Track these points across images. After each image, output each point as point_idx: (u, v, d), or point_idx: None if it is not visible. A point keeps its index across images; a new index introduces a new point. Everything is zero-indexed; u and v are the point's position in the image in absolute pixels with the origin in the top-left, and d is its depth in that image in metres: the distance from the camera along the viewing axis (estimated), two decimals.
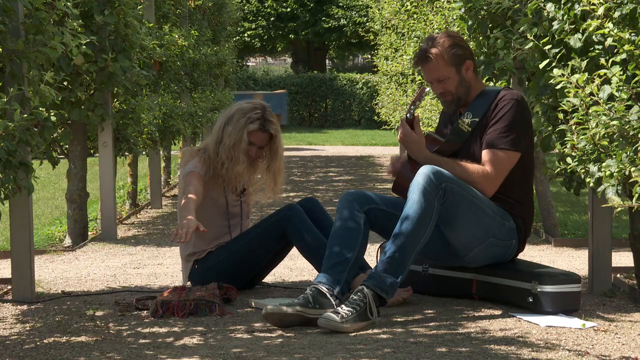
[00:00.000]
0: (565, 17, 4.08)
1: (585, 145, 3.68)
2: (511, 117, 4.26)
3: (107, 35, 6.36)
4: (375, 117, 20.70)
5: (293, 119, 27.43)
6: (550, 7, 4.22)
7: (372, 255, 4.91)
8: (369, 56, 20.40)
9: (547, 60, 4.09)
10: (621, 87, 3.52)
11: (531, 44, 4.30)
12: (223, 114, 4.78)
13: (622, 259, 5.58)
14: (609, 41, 3.65)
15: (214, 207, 4.75)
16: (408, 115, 4.28)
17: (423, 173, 4.12)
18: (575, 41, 4.01)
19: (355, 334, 3.85)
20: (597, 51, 3.91)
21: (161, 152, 9.94)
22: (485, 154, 4.27)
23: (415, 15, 9.71)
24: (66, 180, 6.83)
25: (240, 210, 4.82)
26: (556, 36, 4.17)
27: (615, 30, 3.60)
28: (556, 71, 3.80)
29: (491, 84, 5.46)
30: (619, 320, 4.05)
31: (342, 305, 3.95)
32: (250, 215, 4.97)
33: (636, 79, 3.48)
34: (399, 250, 4.05)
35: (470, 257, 4.31)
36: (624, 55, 3.57)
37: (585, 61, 3.85)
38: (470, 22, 5.36)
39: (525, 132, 4.30)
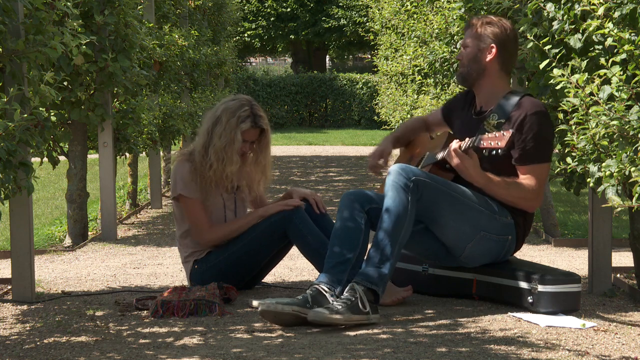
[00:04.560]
0: (565, 17, 4.08)
1: (585, 145, 3.68)
2: (544, 131, 4.23)
3: (107, 35, 6.35)
4: (375, 117, 20.72)
5: (293, 119, 27.43)
6: (550, 7, 4.22)
7: None
8: (369, 56, 20.40)
9: (547, 60, 4.09)
10: (621, 87, 3.52)
11: (531, 44, 4.30)
12: (209, 115, 4.72)
13: (622, 259, 5.58)
14: (609, 41, 3.65)
15: (212, 209, 4.74)
16: (485, 151, 4.14)
17: (393, 170, 4.18)
18: (575, 41, 4.01)
19: (355, 333, 3.85)
20: (597, 51, 3.91)
21: (161, 152, 9.94)
22: (526, 170, 4.25)
23: (415, 15, 9.71)
24: (66, 180, 6.83)
25: (234, 208, 4.81)
26: (556, 36, 4.17)
27: (615, 30, 3.60)
28: (556, 71, 3.80)
29: None
30: (619, 320, 4.05)
31: (333, 302, 3.97)
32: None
33: (636, 79, 3.48)
34: (381, 246, 4.09)
35: (465, 256, 4.31)
36: (624, 55, 3.57)
37: (585, 61, 3.85)
38: None
39: (552, 141, 4.32)
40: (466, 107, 4.50)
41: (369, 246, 4.15)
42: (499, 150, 4.13)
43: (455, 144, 4.21)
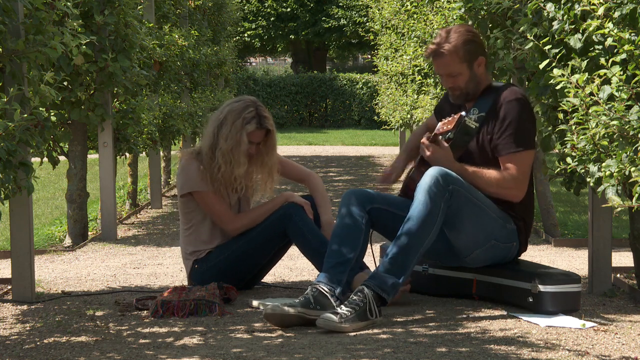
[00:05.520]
0: (565, 17, 4.08)
1: (585, 145, 3.68)
2: (519, 118, 4.22)
3: (107, 35, 6.35)
4: (375, 117, 20.71)
5: (293, 119, 27.43)
6: (550, 7, 4.22)
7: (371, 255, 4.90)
8: (369, 56, 20.40)
9: (547, 60, 4.09)
10: (621, 87, 3.52)
11: (531, 44, 4.30)
12: (214, 117, 4.70)
13: (622, 259, 5.58)
14: (609, 41, 3.65)
15: None
16: (441, 137, 4.23)
17: (431, 175, 4.09)
18: (575, 41, 4.01)
19: (355, 333, 3.85)
20: (597, 51, 3.91)
21: (161, 152, 9.93)
22: (505, 160, 4.23)
23: (415, 15, 9.71)
24: (66, 180, 6.83)
25: (239, 208, 4.81)
26: (556, 36, 4.17)
27: (615, 30, 3.60)
28: (556, 71, 3.80)
29: None
30: (619, 320, 4.05)
31: (342, 306, 3.95)
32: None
33: (636, 79, 3.48)
34: (402, 251, 4.04)
35: (471, 258, 4.31)
36: (624, 55, 3.57)
37: (585, 61, 3.85)
38: (470, 22, 5.35)
39: (533, 128, 4.29)
40: (455, 107, 4.47)
41: (387, 248, 4.11)
42: (450, 133, 4.16)
43: (424, 137, 4.22)
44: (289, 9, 29.92)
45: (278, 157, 4.82)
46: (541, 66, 4.13)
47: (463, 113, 4.23)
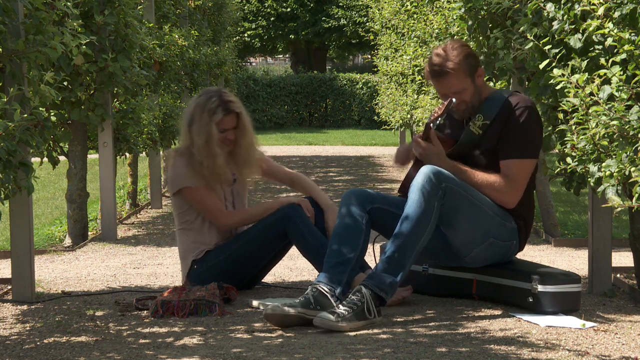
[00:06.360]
0: (565, 17, 4.08)
1: (585, 145, 3.68)
2: (529, 127, 4.22)
3: (107, 35, 6.36)
4: (375, 117, 20.72)
5: (293, 119, 27.43)
6: (550, 7, 4.22)
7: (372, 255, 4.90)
8: (369, 56, 20.41)
9: (547, 60, 4.09)
10: (621, 87, 3.52)
11: (531, 44, 4.30)
12: (184, 116, 4.77)
13: (622, 259, 5.58)
14: (609, 41, 3.65)
15: None
16: (432, 125, 4.25)
17: (423, 173, 4.11)
18: (575, 41, 4.01)
19: (355, 333, 3.85)
20: (597, 51, 3.91)
21: (161, 152, 9.93)
22: (507, 165, 4.24)
23: (415, 15, 9.71)
24: (66, 180, 6.83)
25: (232, 200, 4.81)
26: (556, 36, 4.17)
27: (615, 30, 3.60)
28: (556, 71, 3.80)
29: (491, 84, 5.46)
30: (619, 320, 4.05)
31: (340, 305, 3.95)
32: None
33: (636, 79, 3.48)
34: (398, 250, 4.05)
35: (470, 257, 4.31)
36: (624, 55, 3.57)
37: (585, 61, 3.85)
38: (470, 22, 5.35)
39: (540, 137, 4.30)
40: (456, 123, 4.46)
41: (385, 247, 4.12)
42: (440, 119, 4.20)
43: (416, 135, 4.25)
44: (289, 9, 29.92)
45: (266, 159, 4.87)
46: (541, 66, 4.13)
47: (454, 99, 4.24)
